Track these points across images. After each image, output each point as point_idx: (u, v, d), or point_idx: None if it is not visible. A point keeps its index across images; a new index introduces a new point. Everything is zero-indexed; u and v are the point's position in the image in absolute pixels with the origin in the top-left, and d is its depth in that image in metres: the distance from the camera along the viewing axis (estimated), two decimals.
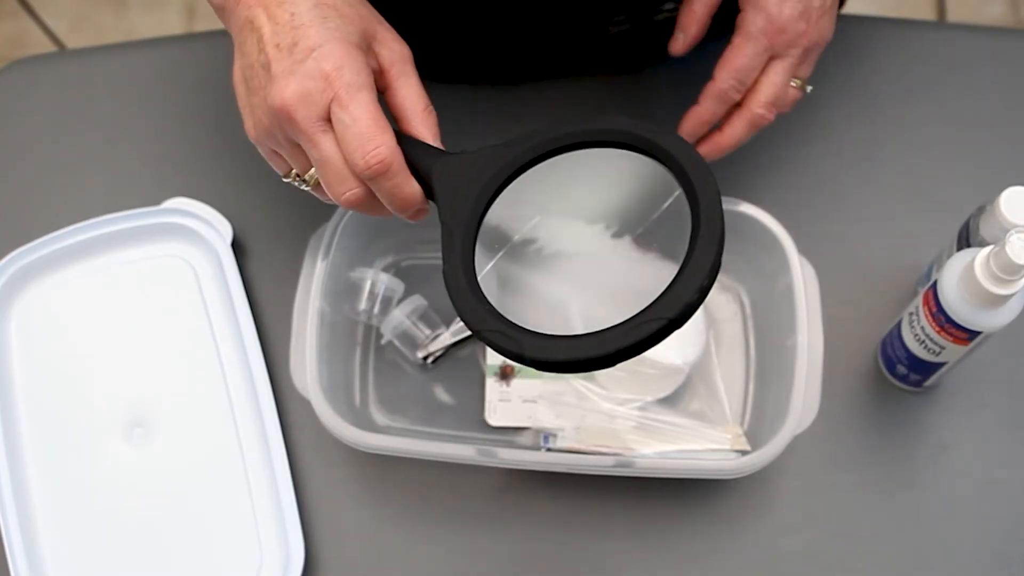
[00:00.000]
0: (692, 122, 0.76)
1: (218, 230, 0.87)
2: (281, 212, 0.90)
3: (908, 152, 0.93)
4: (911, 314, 0.79)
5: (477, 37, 0.89)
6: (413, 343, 0.86)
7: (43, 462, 0.83)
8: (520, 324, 0.58)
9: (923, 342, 0.78)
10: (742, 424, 0.84)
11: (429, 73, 0.94)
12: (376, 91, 0.62)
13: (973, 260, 0.71)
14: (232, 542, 0.81)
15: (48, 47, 1.76)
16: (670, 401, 0.84)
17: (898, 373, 0.84)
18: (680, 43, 0.77)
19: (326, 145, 0.61)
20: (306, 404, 0.80)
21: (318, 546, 0.82)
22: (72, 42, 1.78)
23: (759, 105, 0.74)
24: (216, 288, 0.86)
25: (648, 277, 0.58)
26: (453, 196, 0.62)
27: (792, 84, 0.75)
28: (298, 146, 0.62)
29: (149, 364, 0.85)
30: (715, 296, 0.88)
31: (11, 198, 0.93)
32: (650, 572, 0.82)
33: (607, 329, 0.56)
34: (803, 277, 0.80)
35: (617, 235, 0.62)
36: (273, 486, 0.81)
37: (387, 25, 0.66)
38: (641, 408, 0.83)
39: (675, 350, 0.82)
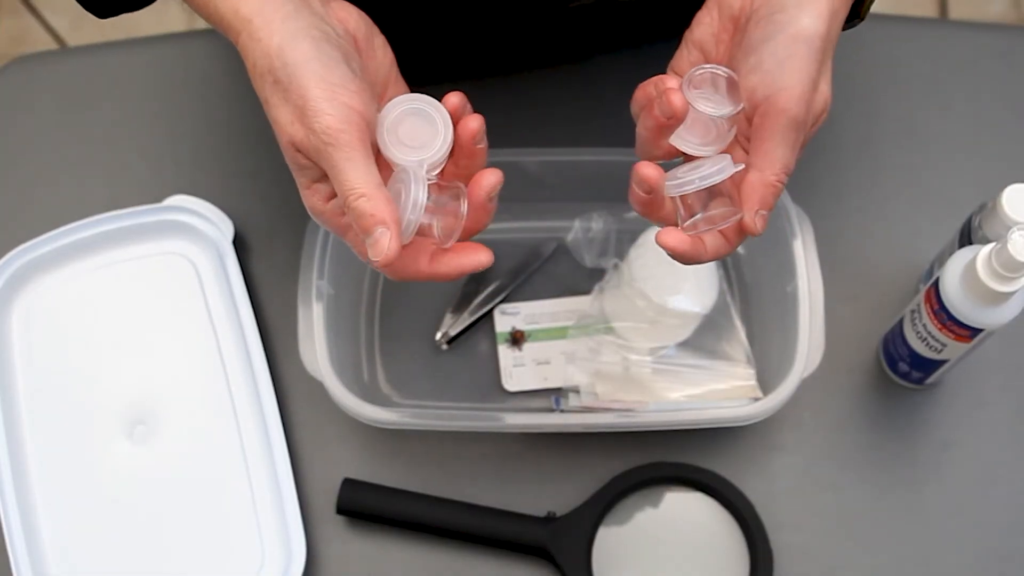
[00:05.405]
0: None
1: (219, 227, 0.87)
2: (282, 209, 0.90)
3: (909, 149, 0.93)
4: (913, 311, 0.79)
5: (435, 28, 0.87)
6: None
7: (45, 459, 0.83)
8: None
9: (925, 339, 0.78)
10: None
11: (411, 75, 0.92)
12: None
13: (975, 257, 0.71)
14: (234, 539, 0.81)
15: (50, 44, 1.75)
16: (688, 343, 0.85)
17: (900, 370, 0.84)
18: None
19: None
20: (310, 401, 0.80)
21: (321, 543, 0.83)
22: (73, 39, 1.77)
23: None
24: (218, 285, 0.86)
25: None
26: (569, 558, 0.80)
27: None
28: None
29: (151, 362, 0.85)
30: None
31: (13, 195, 0.93)
32: None
33: None
34: (798, 224, 0.81)
35: None
36: (275, 483, 0.81)
37: None
38: (661, 355, 0.84)
39: (694, 299, 0.83)
